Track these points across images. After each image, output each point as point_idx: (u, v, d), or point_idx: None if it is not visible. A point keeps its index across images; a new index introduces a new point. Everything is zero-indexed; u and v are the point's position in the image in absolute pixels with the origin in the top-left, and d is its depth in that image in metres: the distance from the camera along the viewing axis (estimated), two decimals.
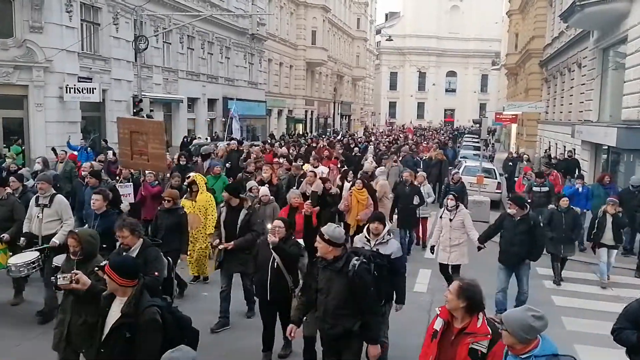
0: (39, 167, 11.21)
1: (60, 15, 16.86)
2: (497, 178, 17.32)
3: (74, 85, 17.09)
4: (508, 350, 3.17)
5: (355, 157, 17.74)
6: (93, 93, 17.29)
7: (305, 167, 11.89)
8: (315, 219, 7.84)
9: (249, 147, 16.92)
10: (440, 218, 8.09)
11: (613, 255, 9.30)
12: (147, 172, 9.28)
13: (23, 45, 16.21)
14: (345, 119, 54.80)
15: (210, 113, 28.48)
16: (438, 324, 3.47)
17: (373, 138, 30.68)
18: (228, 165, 14.47)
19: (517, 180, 15.05)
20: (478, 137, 24.89)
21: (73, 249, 4.60)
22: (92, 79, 18.29)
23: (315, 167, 12.05)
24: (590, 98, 18.37)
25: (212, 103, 28.49)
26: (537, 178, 12.26)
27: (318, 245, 4.34)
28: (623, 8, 14.34)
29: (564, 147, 21.91)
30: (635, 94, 13.66)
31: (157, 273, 4.61)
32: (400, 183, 10.79)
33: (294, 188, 9.32)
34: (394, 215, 10.50)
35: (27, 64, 16.28)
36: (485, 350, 3.27)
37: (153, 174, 9.33)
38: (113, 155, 13.45)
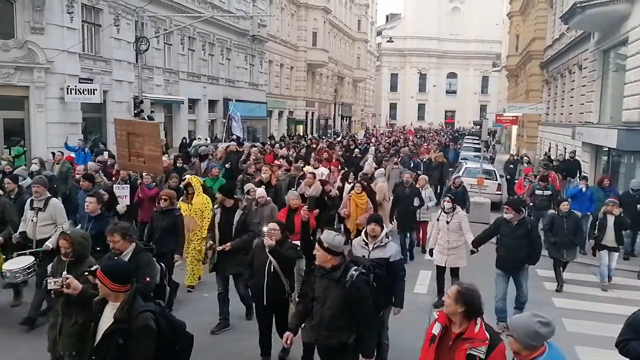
0: (36, 167, 11.15)
1: (62, 17, 16.88)
2: (497, 180, 17.30)
3: (75, 87, 17.10)
4: (514, 357, 3.13)
5: (356, 158, 17.74)
6: (94, 94, 17.30)
7: (306, 168, 11.89)
8: (315, 222, 7.77)
9: (249, 148, 16.92)
10: (438, 220, 8.00)
11: (614, 259, 9.21)
12: (144, 174, 9.21)
13: (24, 47, 16.22)
14: (346, 121, 54.81)
15: (211, 114, 28.49)
16: (436, 329, 3.43)
17: (374, 140, 30.65)
18: (228, 166, 14.49)
19: (517, 182, 15.03)
20: (479, 138, 24.89)
21: (64, 251, 4.53)
22: (93, 80, 18.30)
23: (316, 168, 12.06)
24: (591, 100, 18.37)
25: (213, 104, 28.49)
26: (540, 181, 12.21)
27: (317, 253, 4.24)
28: (624, 10, 14.34)
29: (565, 148, 21.91)
30: (636, 96, 13.65)
31: (148, 279, 4.49)
32: (400, 184, 10.67)
33: (293, 189, 9.30)
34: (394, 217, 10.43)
35: (28, 65, 16.30)
36: (483, 356, 3.23)
37: (150, 176, 9.26)
38: (109, 157, 13.40)
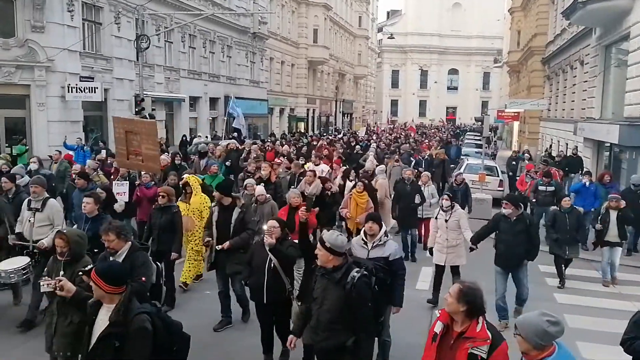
0: (35, 166, 11.03)
1: (62, 15, 16.89)
2: (499, 176, 17.30)
3: (76, 85, 17.12)
4: (522, 357, 3.09)
5: (357, 155, 17.73)
6: (95, 92, 17.34)
7: (307, 165, 11.87)
8: (315, 219, 7.70)
9: (250, 145, 16.90)
10: (436, 219, 7.91)
11: (618, 255, 9.10)
12: (142, 173, 9.13)
13: (25, 45, 16.24)
14: (347, 117, 54.77)
15: (212, 112, 28.49)
16: (438, 327, 3.40)
17: (375, 137, 30.60)
18: (228, 164, 14.48)
19: (518, 178, 14.99)
20: (480, 134, 24.88)
21: (60, 250, 4.47)
22: (94, 79, 18.31)
23: (317, 165, 12.05)
24: (593, 95, 18.33)
25: (214, 102, 28.48)
26: (543, 177, 12.17)
27: (318, 253, 4.13)
28: (625, 5, 14.30)
29: (566, 144, 21.88)
30: (638, 91, 13.61)
31: (144, 279, 4.41)
32: (401, 182, 10.54)
33: (293, 187, 9.28)
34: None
35: (29, 64, 16.31)
36: (485, 356, 3.19)
37: (149, 175, 9.18)
38: (107, 155, 13.36)
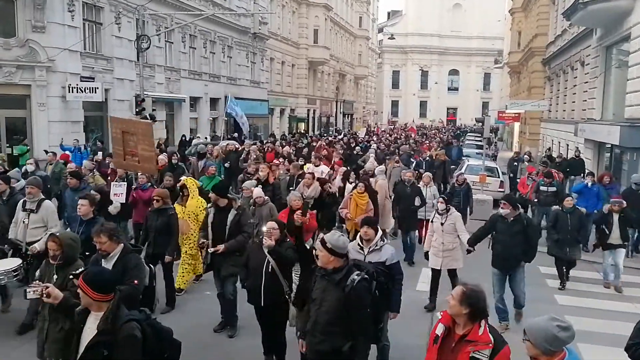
0: (32, 168, 10.87)
1: (63, 15, 16.89)
2: (499, 177, 17.28)
3: (77, 85, 17.12)
4: None
5: (357, 156, 17.72)
6: (95, 92, 17.33)
7: (306, 167, 11.83)
8: (316, 223, 7.62)
9: (250, 145, 16.88)
10: (432, 222, 7.81)
11: (622, 257, 8.92)
12: (139, 174, 9.03)
13: (25, 45, 16.23)
14: (348, 118, 54.76)
15: (213, 112, 28.49)
16: (439, 330, 3.35)
17: (375, 138, 30.57)
18: (227, 165, 14.45)
19: (519, 181, 14.94)
20: (481, 135, 24.87)
21: (53, 253, 4.37)
22: (94, 79, 18.32)
23: (317, 166, 12.01)
24: (593, 96, 18.31)
25: (214, 102, 28.48)
26: (545, 178, 12.15)
27: (319, 254, 4.06)
28: (626, 5, 14.28)
29: (567, 145, 21.86)
30: (639, 92, 13.60)
31: (136, 282, 4.35)
32: (401, 183, 10.44)
33: (292, 188, 9.24)
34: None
35: (29, 64, 16.31)
36: None
37: (145, 176, 9.05)
38: (104, 156, 13.31)
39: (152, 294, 4.81)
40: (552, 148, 24.96)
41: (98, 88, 17.40)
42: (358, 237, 5.38)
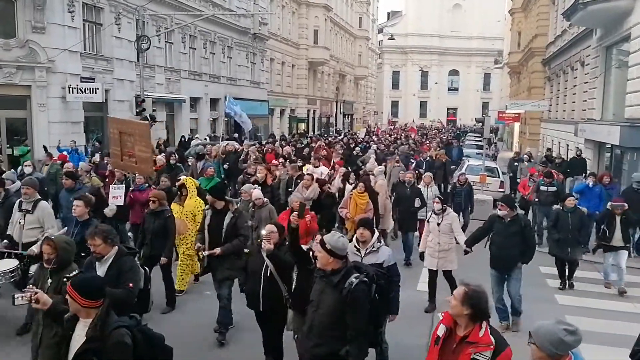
0: (29, 169, 10.77)
1: (63, 16, 16.89)
2: (499, 177, 17.29)
3: (77, 86, 17.12)
4: None
5: (357, 156, 17.71)
6: (96, 93, 17.33)
7: (306, 167, 11.80)
8: (316, 225, 7.55)
9: (249, 146, 16.86)
10: (428, 222, 7.79)
11: (624, 258, 8.82)
12: (136, 175, 8.97)
13: (25, 46, 16.23)
14: (348, 118, 54.78)
15: (213, 113, 28.50)
16: (440, 330, 3.33)
17: (375, 138, 30.56)
18: (226, 167, 14.42)
19: (520, 182, 14.90)
20: (481, 136, 24.88)
21: (47, 257, 4.30)
22: (94, 79, 18.32)
23: (316, 167, 11.98)
24: (594, 96, 18.32)
25: (214, 103, 28.48)
26: (545, 177, 12.14)
27: (318, 255, 4.00)
28: (626, 6, 14.29)
29: (567, 145, 21.86)
30: (639, 92, 13.60)
31: (131, 285, 4.29)
32: (401, 184, 10.41)
33: (290, 189, 9.22)
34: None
35: (29, 65, 16.31)
36: None
37: (142, 177, 9.00)
38: (101, 156, 13.24)
39: (147, 297, 4.76)
40: (552, 148, 24.95)
41: (98, 89, 17.41)
42: (354, 238, 5.32)
